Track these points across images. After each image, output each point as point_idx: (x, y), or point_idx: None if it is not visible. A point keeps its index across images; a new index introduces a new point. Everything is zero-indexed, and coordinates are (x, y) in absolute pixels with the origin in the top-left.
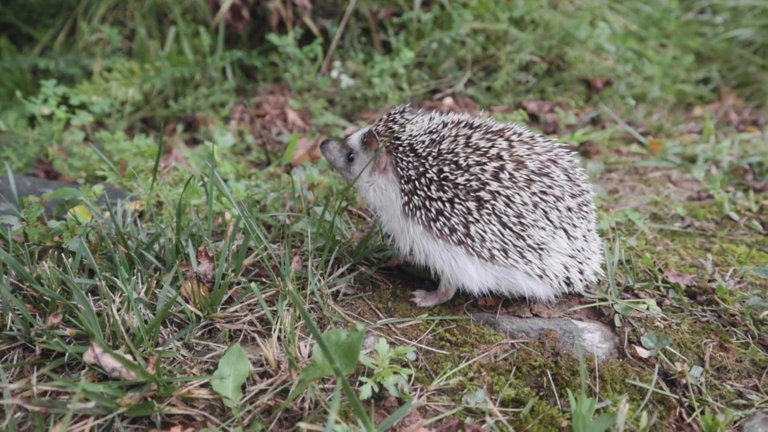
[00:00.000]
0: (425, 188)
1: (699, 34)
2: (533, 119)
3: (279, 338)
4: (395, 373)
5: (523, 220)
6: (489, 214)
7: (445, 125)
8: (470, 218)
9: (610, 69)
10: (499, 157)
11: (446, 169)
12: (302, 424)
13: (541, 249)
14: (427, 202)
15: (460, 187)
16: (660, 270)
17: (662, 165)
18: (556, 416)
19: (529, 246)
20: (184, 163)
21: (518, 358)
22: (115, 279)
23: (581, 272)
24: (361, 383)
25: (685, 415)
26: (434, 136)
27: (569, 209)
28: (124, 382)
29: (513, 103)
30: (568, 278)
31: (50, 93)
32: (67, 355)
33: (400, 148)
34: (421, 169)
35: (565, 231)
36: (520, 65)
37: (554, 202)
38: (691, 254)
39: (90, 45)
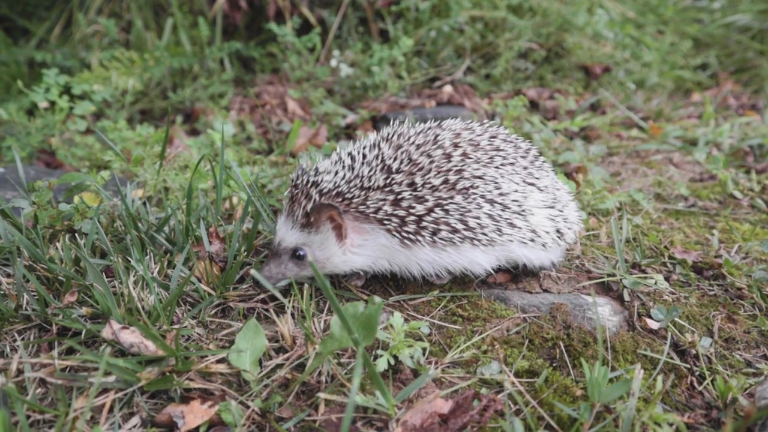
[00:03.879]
0: (410, 210)
1: (696, 20)
2: (533, 106)
3: (293, 315)
4: (410, 346)
5: (501, 191)
6: (476, 198)
7: (374, 147)
8: (463, 211)
9: (608, 55)
10: (456, 146)
11: (417, 180)
12: (321, 395)
13: (524, 211)
14: (421, 222)
15: (441, 188)
16: (666, 247)
17: (663, 148)
18: (570, 386)
19: (515, 213)
20: (187, 152)
21: (530, 332)
22: (129, 259)
23: (565, 220)
24: (377, 356)
25: (696, 384)
26: (379, 163)
27: (525, 168)
28: (143, 357)
29: (512, 90)
30: (558, 230)
31: (52, 82)
32: (84, 333)
33: (354, 201)
34: (392, 197)
35: (534, 185)
36: (519, 52)
37: (512, 167)
38: (696, 232)
39: (87, 37)
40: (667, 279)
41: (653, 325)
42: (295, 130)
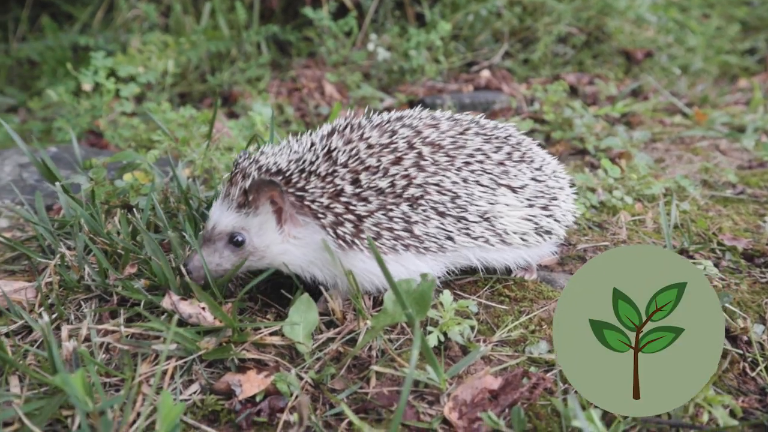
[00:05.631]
0: (350, 207)
1: (745, 2)
2: (572, 92)
3: None
4: (458, 324)
5: (458, 201)
6: (425, 209)
7: (325, 138)
8: (411, 220)
9: (650, 40)
10: (412, 147)
11: (362, 177)
12: (374, 367)
13: (487, 218)
14: (359, 224)
15: (387, 191)
16: (714, 234)
17: (709, 135)
18: None
19: (473, 221)
20: (228, 134)
21: None
22: (184, 234)
23: (550, 216)
24: (427, 333)
25: (748, 370)
26: (323, 152)
27: (500, 163)
28: (201, 327)
29: (551, 75)
30: (539, 228)
31: (100, 65)
32: (142, 303)
33: (293, 181)
34: (333, 189)
35: (508, 186)
36: (558, 37)
37: (480, 166)
38: (745, 220)
39: (128, 21)
40: (716, 265)
41: None
42: (334, 113)
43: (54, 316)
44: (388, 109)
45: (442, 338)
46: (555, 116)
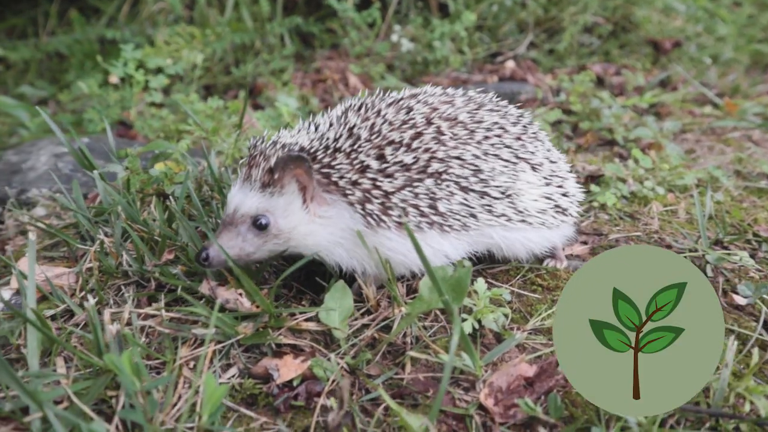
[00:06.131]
0: (377, 183)
1: None
2: (598, 82)
3: None
4: (492, 312)
5: (480, 175)
6: (449, 185)
7: (341, 117)
8: (435, 196)
9: (679, 29)
10: (430, 122)
11: (386, 152)
12: (410, 353)
13: (509, 195)
14: (386, 200)
15: (412, 167)
16: (749, 225)
17: (741, 125)
18: None
19: (496, 198)
20: (254, 125)
21: None
22: (218, 222)
23: (565, 195)
24: (461, 320)
25: None
26: (345, 129)
27: (518, 138)
28: (239, 312)
29: (576, 65)
30: (557, 206)
31: (129, 57)
32: (180, 288)
33: (318, 157)
34: (359, 165)
35: (527, 161)
36: (584, 27)
37: (500, 140)
38: None
39: (153, 14)
40: (752, 256)
41: (740, 301)
42: None
43: (95, 300)
44: None
45: (477, 326)
46: (582, 107)
